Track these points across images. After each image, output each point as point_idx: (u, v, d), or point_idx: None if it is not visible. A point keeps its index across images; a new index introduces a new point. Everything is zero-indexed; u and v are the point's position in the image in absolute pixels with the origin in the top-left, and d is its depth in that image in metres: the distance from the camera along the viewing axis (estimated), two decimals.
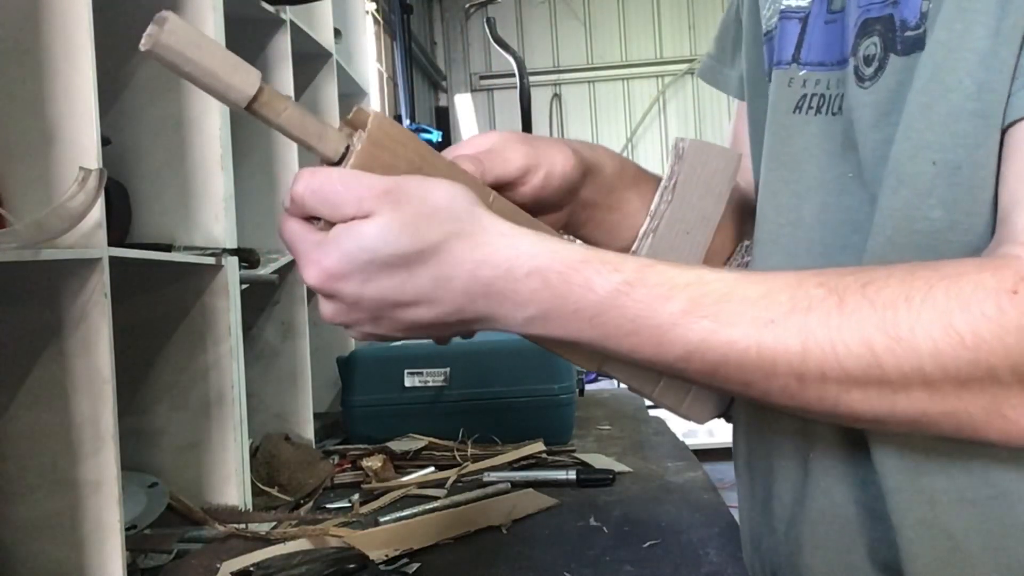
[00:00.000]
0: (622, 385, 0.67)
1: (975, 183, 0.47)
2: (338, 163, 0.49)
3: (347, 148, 0.49)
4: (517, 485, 1.20)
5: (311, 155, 0.50)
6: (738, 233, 0.70)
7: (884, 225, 0.51)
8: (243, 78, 0.45)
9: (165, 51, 0.42)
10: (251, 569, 0.93)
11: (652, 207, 0.61)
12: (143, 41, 0.42)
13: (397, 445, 1.40)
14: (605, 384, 3.43)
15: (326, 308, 0.50)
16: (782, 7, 0.63)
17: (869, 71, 0.54)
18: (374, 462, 1.32)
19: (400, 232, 0.46)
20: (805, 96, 0.60)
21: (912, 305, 0.43)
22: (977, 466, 0.49)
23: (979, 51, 0.47)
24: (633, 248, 0.61)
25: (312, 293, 0.55)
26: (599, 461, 1.32)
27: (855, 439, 0.55)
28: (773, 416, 0.61)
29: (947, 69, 0.48)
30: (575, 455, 1.36)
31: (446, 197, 0.48)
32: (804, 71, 0.61)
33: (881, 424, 0.47)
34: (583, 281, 0.47)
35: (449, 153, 0.58)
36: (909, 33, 0.51)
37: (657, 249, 0.60)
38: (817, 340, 0.44)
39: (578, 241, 0.62)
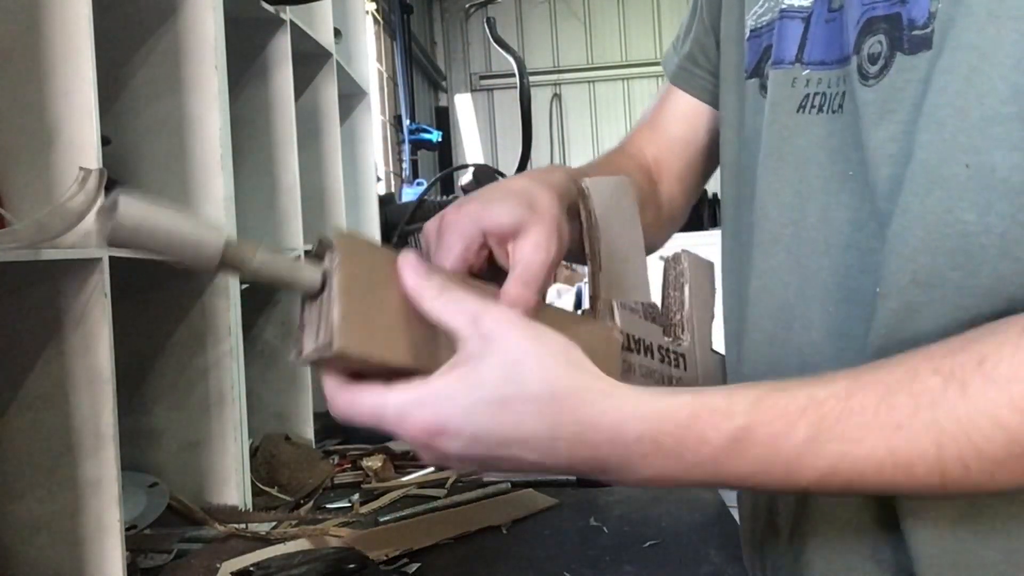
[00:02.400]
0: None
1: (1010, 186, 0.47)
2: (319, 293, 0.48)
3: (323, 275, 0.47)
4: (517, 485, 1.20)
5: (311, 153, 0.50)
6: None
7: (914, 228, 0.50)
8: (206, 242, 0.44)
9: (121, 238, 0.42)
10: (251, 569, 0.93)
11: (587, 250, 0.62)
12: (97, 232, 0.42)
13: (397, 445, 1.40)
14: None
15: (429, 457, 0.49)
16: (783, 6, 0.63)
17: (874, 69, 0.54)
18: (374, 462, 1.32)
19: (502, 374, 0.46)
20: (808, 96, 0.60)
21: None
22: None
23: (1013, 55, 0.47)
24: (590, 293, 0.62)
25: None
26: None
27: None
28: None
29: (981, 73, 0.48)
30: None
31: (535, 346, 0.47)
32: (807, 71, 0.61)
33: None
34: (697, 438, 0.46)
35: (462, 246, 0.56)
36: (917, 32, 0.51)
37: (610, 284, 0.62)
38: (951, 435, 0.43)
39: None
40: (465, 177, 2.51)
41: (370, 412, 0.48)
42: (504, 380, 0.46)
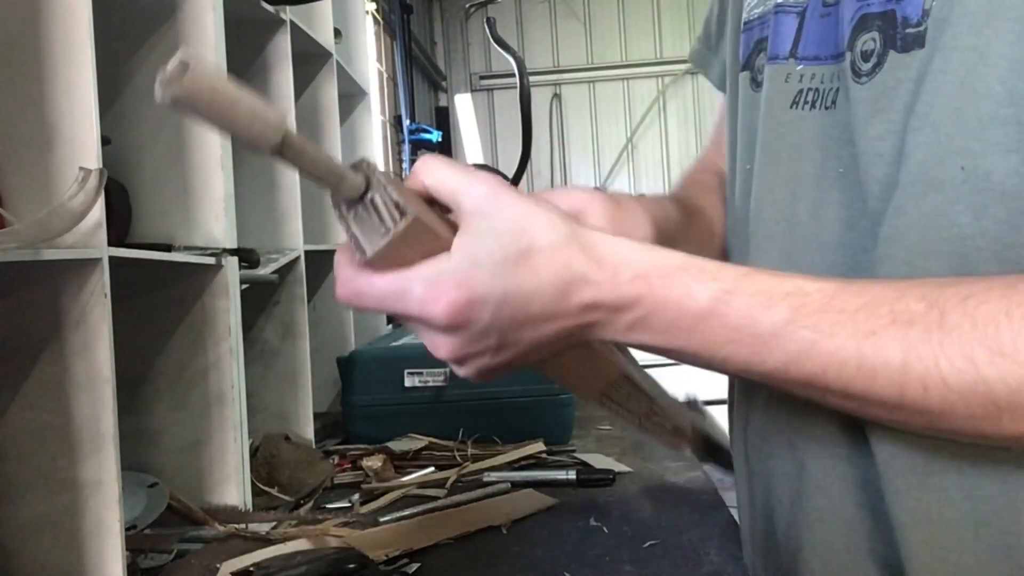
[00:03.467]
0: None
1: (1006, 189, 0.47)
2: (363, 195, 0.48)
3: (365, 178, 0.48)
4: (517, 485, 1.20)
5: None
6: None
7: (910, 230, 0.50)
8: (268, 123, 0.42)
9: (185, 100, 0.39)
10: (251, 569, 0.93)
11: None
12: (158, 89, 0.39)
13: (397, 445, 1.40)
14: None
15: (448, 344, 0.49)
16: (778, 0, 0.63)
17: (867, 66, 0.54)
18: (374, 462, 1.32)
19: (512, 233, 0.47)
20: (802, 91, 0.60)
21: (1013, 320, 0.42)
22: (987, 463, 0.49)
23: (1009, 57, 0.46)
24: None
25: (312, 295, 0.54)
26: (599, 461, 1.32)
27: (854, 438, 0.55)
28: (771, 416, 0.61)
29: (977, 74, 0.48)
30: (575, 455, 1.36)
31: (537, 206, 0.48)
32: (801, 66, 0.60)
33: (989, 443, 0.47)
34: (683, 290, 0.47)
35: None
36: (910, 30, 0.51)
37: None
38: (919, 353, 0.44)
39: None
40: None
41: (393, 291, 0.48)
42: (520, 231, 0.47)
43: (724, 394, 0.73)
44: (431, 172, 0.50)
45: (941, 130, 0.49)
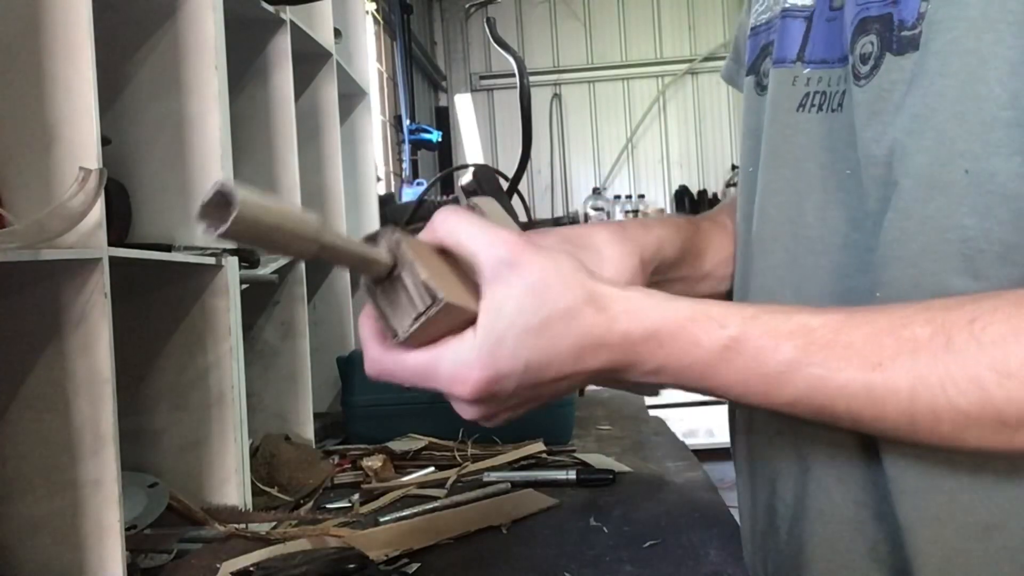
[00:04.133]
0: None
1: (1009, 192, 0.47)
2: (390, 272, 0.50)
3: (391, 254, 0.49)
4: (517, 485, 1.20)
5: (311, 153, 0.51)
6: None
7: (917, 233, 0.50)
8: (307, 238, 0.44)
9: (231, 236, 0.40)
10: (251, 569, 0.93)
11: None
12: (201, 223, 0.40)
13: (397, 445, 1.40)
14: None
15: (474, 411, 0.53)
16: (785, 5, 0.64)
17: (865, 69, 0.54)
18: (374, 462, 1.32)
19: (531, 298, 0.49)
20: (808, 94, 0.60)
21: (1020, 341, 0.43)
22: (997, 466, 0.49)
23: (1010, 60, 0.47)
24: None
25: (312, 295, 0.54)
26: (599, 461, 1.32)
27: (859, 439, 0.55)
28: (772, 416, 0.61)
29: (978, 78, 0.48)
30: (575, 455, 1.36)
31: (554, 265, 0.51)
32: (808, 69, 0.61)
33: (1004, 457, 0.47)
34: (691, 339, 0.49)
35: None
36: (905, 33, 0.51)
37: None
38: (926, 382, 0.44)
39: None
40: (465, 177, 2.50)
41: (423, 372, 0.51)
42: (539, 298, 0.49)
43: None
44: (450, 233, 0.52)
45: (945, 134, 0.49)
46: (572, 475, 1.22)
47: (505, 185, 1.62)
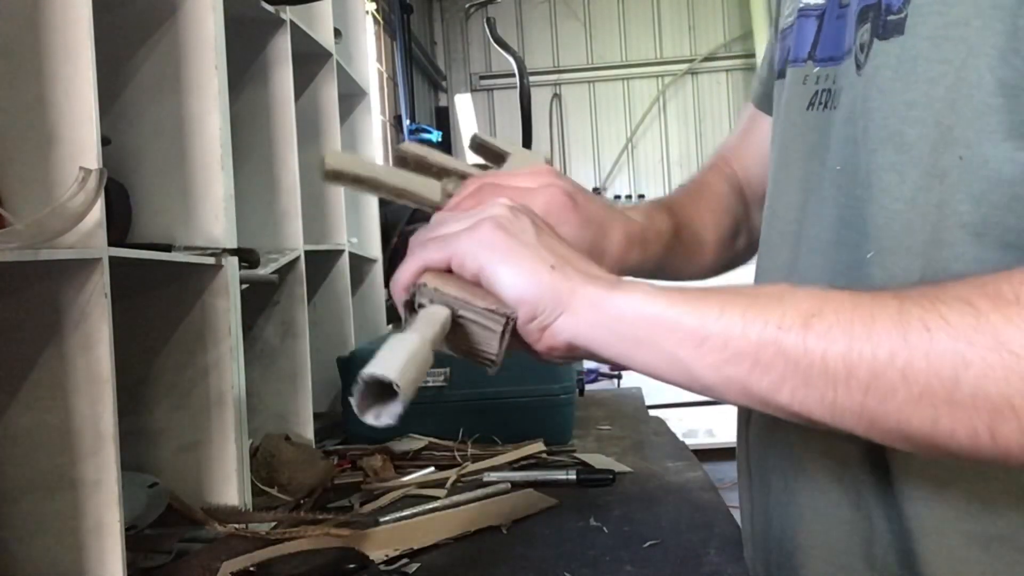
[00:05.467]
0: (623, 384, 0.68)
1: (1003, 176, 0.47)
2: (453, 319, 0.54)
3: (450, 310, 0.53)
4: (517, 485, 1.20)
5: (311, 153, 0.53)
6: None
7: (916, 221, 0.50)
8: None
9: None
10: (251, 569, 0.93)
11: None
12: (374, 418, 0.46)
13: (397, 445, 1.40)
14: (605, 384, 3.43)
15: (486, 229, 0.54)
16: (800, 5, 0.64)
17: (862, 58, 0.54)
18: (374, 462, 1.32)
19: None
20: (817, 92, 0.60)
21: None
22: (1002, 478, 0.49)
23: (999, 47, 0.47)
24: None
25: (312, 295, 0.54)
26: (599, 461, 1.32)
27: (854, 441, 0.55)
28: (772, 416, 0.61)
29: (970, 67, 0.48)
30: (575, 455, 1.36)
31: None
32: (818, 68, 0.61)
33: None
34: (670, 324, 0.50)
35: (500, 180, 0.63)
36: (891, 17, 0.51)
37: None
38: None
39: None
40: None
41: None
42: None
43: None
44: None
45: (942, 122, 0.49)
46: (572, 475, 1.22)
47: None
